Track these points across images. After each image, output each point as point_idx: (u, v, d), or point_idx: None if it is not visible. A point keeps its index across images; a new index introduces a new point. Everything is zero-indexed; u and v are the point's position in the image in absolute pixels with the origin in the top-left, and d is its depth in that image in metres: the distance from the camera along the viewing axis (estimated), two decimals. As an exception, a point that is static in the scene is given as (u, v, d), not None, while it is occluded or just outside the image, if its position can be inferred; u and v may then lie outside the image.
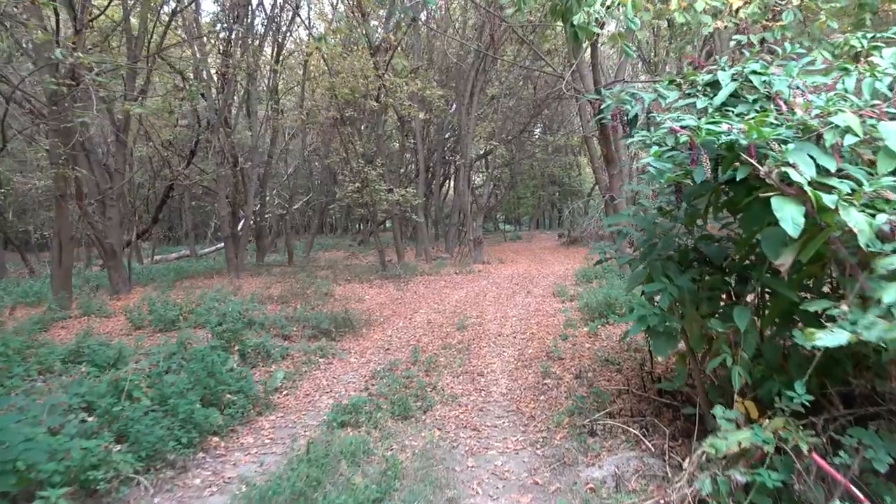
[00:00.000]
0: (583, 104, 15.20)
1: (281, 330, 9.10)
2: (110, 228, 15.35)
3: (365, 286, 15.38)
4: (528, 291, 13.36)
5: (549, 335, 8.71)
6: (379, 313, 11.44)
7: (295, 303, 12.54)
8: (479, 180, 35.47)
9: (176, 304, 10.13)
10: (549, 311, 10.73)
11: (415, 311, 11.57)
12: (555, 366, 7.01)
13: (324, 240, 40.45)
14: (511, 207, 45.03)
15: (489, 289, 14.20)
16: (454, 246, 22.92)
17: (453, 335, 9.16)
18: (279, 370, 6.91)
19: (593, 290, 11.74)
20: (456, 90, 21.41)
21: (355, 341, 9.07)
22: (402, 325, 10.32)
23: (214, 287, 15.57)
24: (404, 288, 14.84)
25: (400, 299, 13.12)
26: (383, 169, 17.92)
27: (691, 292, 4.26)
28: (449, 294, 13.65)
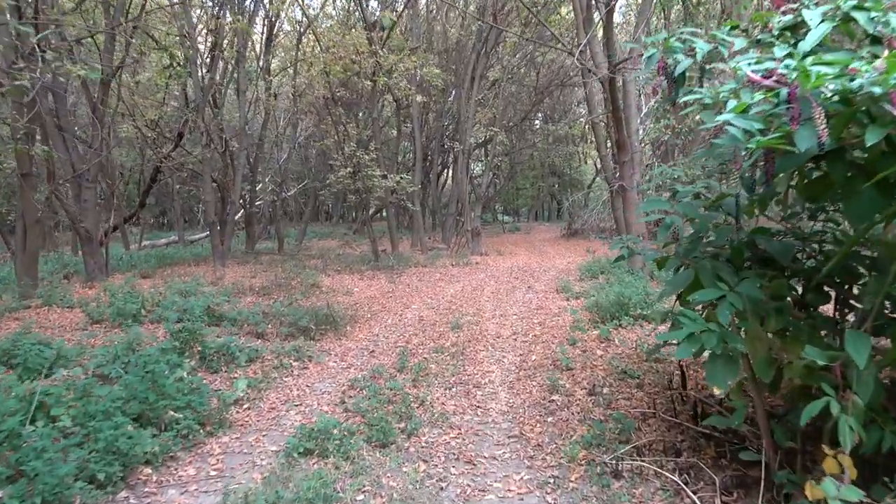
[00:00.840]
0: (591, 88, 14.13)
1: (255, 327, 8.05)
2: (86, 212, 14.29)
3: (355, 277, 14.33)
4: (529, 286, 12.32)
5: (554, 338, 7.67)
6: (367, 308, 10.40)
7: (277, 295, 11.50)
8: (479, 169, 34.38)
9: (139, 295, 9.05)
10: (553, 309, 9.69)
11: (406, 307, 10.53)
12: (563, 377, 5.97)
13: (319, 228, 39.37)
14: (510, 198, 43.97)
15: (487, 282, 13.16)
16: (451, 236, 21.87)
17: (447, 336, 8.12)
18: (240, 379, 5.85)
19: (601, 287, 10.72)
20: (455, 73, 20.29)
21: (337, 341, 8.03)
22: (391, 322, 9.28)
23: (194, 276, 14.54)
24: (397, 280, 13.79)
25: (391, 293, 12.08)
26: (377, 154, 16.83)
27: (756, 302, 3.22)
28: (444, 288, 12.61)
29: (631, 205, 11.26)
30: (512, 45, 19.52)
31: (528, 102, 25.75)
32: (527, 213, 47.47)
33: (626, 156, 10.92)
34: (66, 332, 8.13)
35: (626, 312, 7.87)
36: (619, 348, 6.80)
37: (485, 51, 17.64)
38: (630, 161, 11.02)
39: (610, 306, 8.00)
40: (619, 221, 14.96)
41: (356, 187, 14.94)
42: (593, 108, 14.07)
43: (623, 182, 11.10)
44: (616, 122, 10.25)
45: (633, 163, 11.15)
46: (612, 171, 14.66)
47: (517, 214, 46.40)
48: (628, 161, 10.99)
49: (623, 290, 8.24)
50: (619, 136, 10.55)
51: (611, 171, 14.48)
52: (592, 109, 14.08)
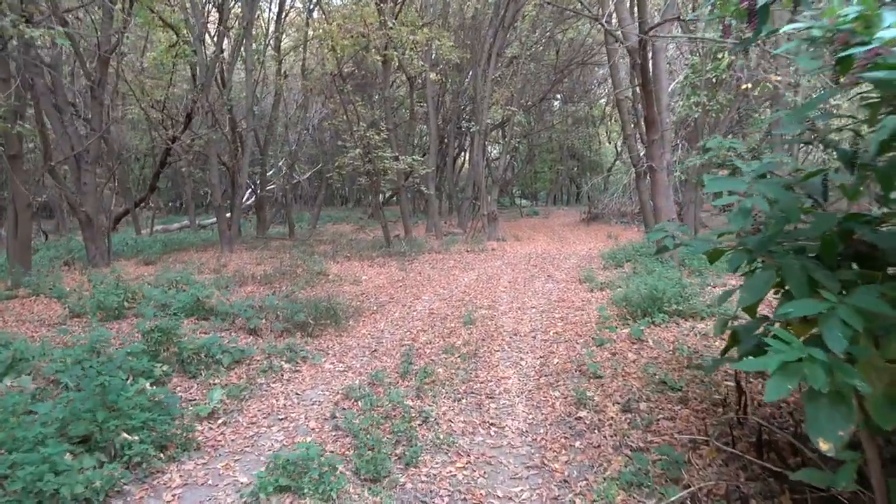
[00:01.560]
0: (616, 61, 13.09)
1: (247, 322, 7.24)
2: (86, 195, 13.61)
3: (365, 264, 13.51)
4: (549, 275, 11.41)
5: (578, 337, 6.78)
6: (374, 299, 9.57)
7: (280, 284, 10.72)
8: (496, 152, 33.35)
9: (125, 286, 8.28)
10: (576, 301, 8.79)
11: (416, 298, 9.68)
12: (591, 387, 5.09)
13: (333, 212, 38.65)
14: (528, 182, 42.85)
15: (504, 271, 12.27)
16: (467, 221, 20.97)
17: (458, 332, 7.26)
18: (216, 388, 5.04)
19: (627, 277, 9.80)
20: (472, 50, 19.26)
21: (337, 338, 7.21)
22: (398, 315, 8.44)
23: (199, 262, 13.84)
24: (408, 268, 12.94)
25: (401, 281, 11.24)
26: (390, 134, 15.95)
27: (871, 317, 2.31)
28: (458, 276, 11.74)
29: (660, 187, 10.28)
30: (531, 20, 18.45)
31: (548, 82, 24.63)
32: (545, 196, 46.34)
33: (656, 134, 9.93)
34: (42, 326, 7.40)
35: (659, 308, 6.94)
36: (655, 351, 5.89)
37: (502, 25, 16.59)
38: (660, 140, 10.02)
39: (641, 301, 7.07)
40: (644, 205, 13.97)
41: (367, 169, 14.07)
42: (618, 83, 13.04)
43: (652, 162, 10.12)
44: (646, 96, 9.25)
45: (662, 141, 10.16)
46: (637, 152, 13.65)
47: (535, 198, 45.26)
48: (658, 140, 9.99)
49: (655, 282, 7.29)
50: (648, 113, 9.56)
51: (636, 152, 13.48)
52: (617, 84, 13.04)
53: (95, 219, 13.71)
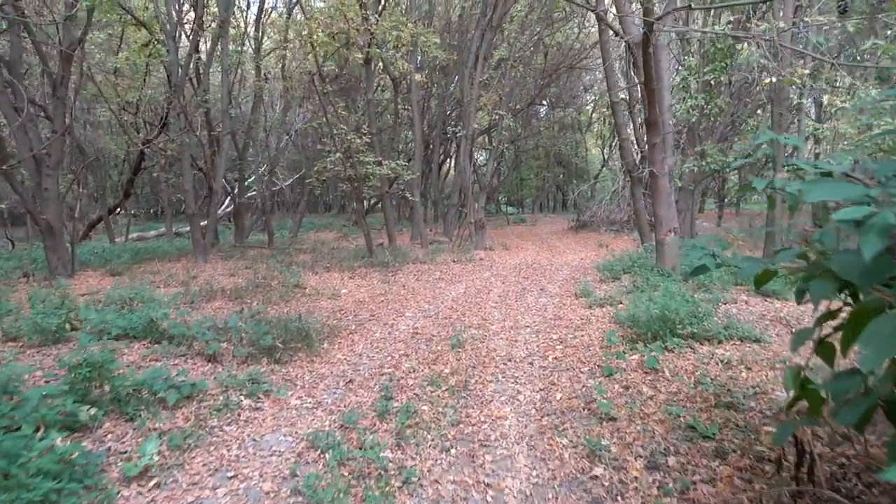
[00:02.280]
0: (611, 62, 12.32)
1: (205, 346, 6.31)
2: (47, 201, 12.66)
3: (345, 276, 12.59)
4: (542, 288, 10.56)
5: (581, 364, 5.92)
6: (353, 316, 8.67)
7: (251, 298, 9.79)
8: (483, 158, 32.57)
9: (72, 303, 7.31)
10: (575, 320, 7.94)
11: (399, 314, 8.79)
12: (604, 432, 4.24)
13: (317, 219, 37.68)
14: (514, 189, 42.16)
15: (493, 283, 11.41)
16: (453, 229, 20.10)
17: (446, 357, 6.38)
18: (152, 437, 4.12)
19: (629, 292, 8.99)
20: (459, 50, 18.44)
21: (309, 364, 6.30)
22: (379, 336, 7.55)
23: (168, 273, 12.88)
24: (392, 279, 12.05)
25: (384, 295, 10.34)
26: (373, 138, 15.08)
27: None
28: (444, 289, 10.87)
29: (662, 194, 9.49)
30: (519, 21, 17.69)
31: (535, 87, 23.88)
32: (531, 203, 45.61)
33: (657, 137, 9.13)
34: (-31, 352, 6.42)
35: (671, 331, 6.11)
36: (673, 384, 5.05)
37: (490, 26, 15.80)
38: (662, 143, 9.23)
39: (650, 322, 6.23)
40: (639, 213, 13.20)
41: (348, 175, 13.17)
42: (613, 83, 12.27)
43: (653, 167, 9.31)
44: (648, 95, 8.45)
45: (664, 145, 9.36)
46: (632, 157, 12.88)
47: (521, 205, 44.55)
48: (659, 143, 9.20)
49: (667, 301, 6.44)
50: (650, 114, 8.76)
51: (631, 157, 12.70)
52: (612, 85, 12.28)
53: (58, 227, 12.74)
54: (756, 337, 6.20)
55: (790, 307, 7.76)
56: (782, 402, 4.47)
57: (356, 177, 13.19)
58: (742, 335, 6.22)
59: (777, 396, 4.61)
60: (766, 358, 5.59)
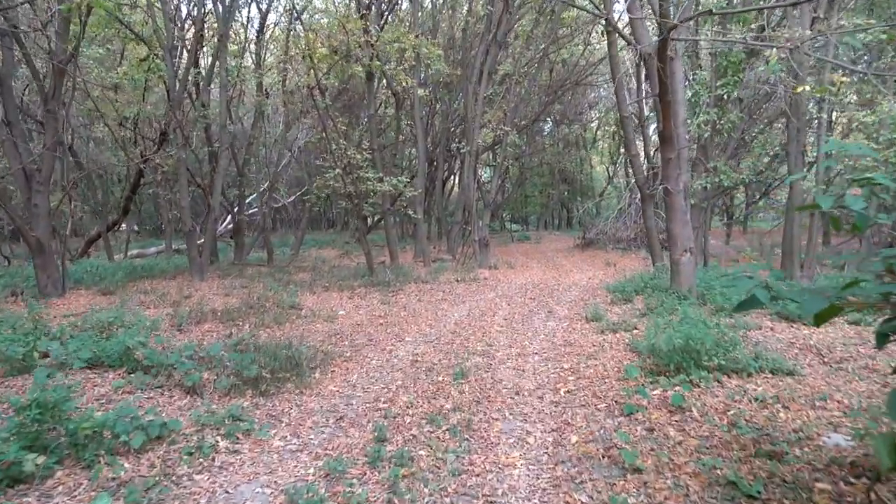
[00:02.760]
0: (620, 78, 11.83)
1: (184, 377, 5.74)
2: (37, 218, 12.21)
3: (344, 296, 12.03)
4: (550, 311, 9.97)
5: (597, 399, 5.33)
6: (349, 341, 8.09)
7: (244, 321, 9.24)
8: (486, 175, 32.08)
9: (44, 328, 6.75)
10: (586, 346, 7.34)
11: (399, 339, 8.21)
12: (630, 487, 3.64)
13: (319, 236, 37.16)
14: (518, 206, 41.64)
15: (498, 305, 10.82)
16: (457, 246, 19.54)
17: (447, 390, 5.79)
18: (103, 496, 3.53)
19: (642, 316, 8.42)
20: (462, 65, 18.00)
21: (297, 397, 5.73)
22: (375, 364, 6.97)
23: (161, 292, 12.34)
24: (392, 300, 11.48)
25: (383, 318, 9.77)
26: (374, 154, 14.59)
27: None
28: (447, 311, 10.29)
29: (677, 212, 8.92)
30: (525, 36, 17.26)
31: (540, 103, 23.43)
32: (535, 221, 45.05)
33: (672, 152, 8.58)
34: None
35: (696, 362, 5.51)
36: (704, 427, 4.45)
37: (495, 40, 15.35)
38: (676, 159, 8.68)
39: (672, 352, 5.63)
40: (650, 232, 12.64)
41: (348, 191, 12.66)
42: (622, 98, 11.75)
43: (667, 184, 8.76)
44: (663, 108, 7.91)
45: (679, 160, 8.81)
46: (643, 173, 12.34)
47: (526, 223, 44.00)
48: (674, 159, 8.65)
49: (690, 329, 5.84)
50: (664, 128, 8.23)
51: (641, 174, 12.17)
52: (621, 100, 11.76)
53: (48, 244, 12.25)
54: (789, 369, 5.60)
55: (819, 334, 7.16)
56: (831, 449, 3.88)
57: (356, 193, 12.68)
58: (773, 367, 5.62)
59: (825, 443, 4.01)
60: (804, 395, 4.99)
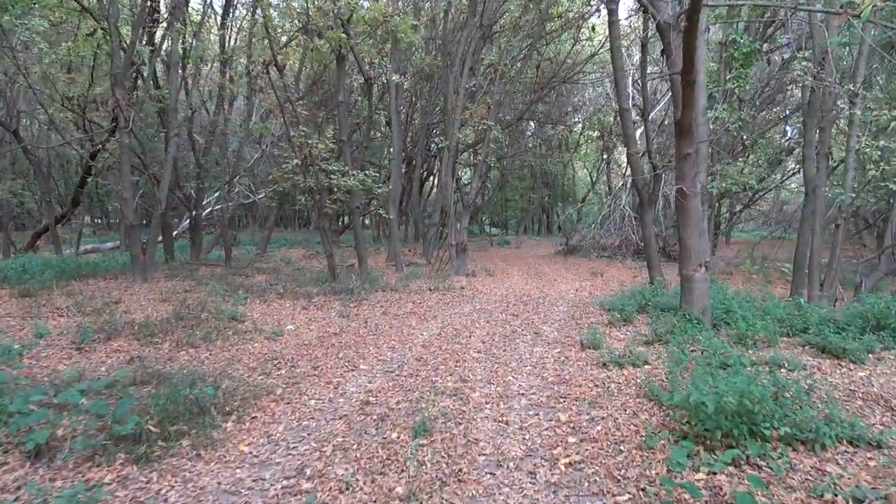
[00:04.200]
0: (620, 61, 10.20)
1: (26, 434, 3.96)
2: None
3: (299, 305, 10.26)
4: (537, 332, 8.29)
5: (614, 481, 3.65)
6: (288, 369, 6.34)
7: (165, 337, 7.45)
8: (467, 177, 30.39)
9: None
10: (586, 386, 5.66)
11: (351, 367, 6.48)
12: None
13: (291, 234, 35.23)
14: (498, 209, 40.02)
15: (475, 321, 9.13)
16: (433, 250, 17.83)
17: (400, 458, 4.08)
18: None
19: (649, 342, 6.79)
20: (443, 52, 16.28)
21: (191, 464, 3.99)
22: (313, 407, 5.23)
23: (89, 294, 10.50)
24: (353, 312, 9.73)
25: (338, 336, 8.02)
26: (342, 145, 12.82)
27: None
28: (415, 329, 8.57)
29: (692, 217, 7.30)
30: (512, 22, 15.61)
31: (525, 101, 21.80)
32: (515, 225, 43.44)
33: (691, 146, 6.96)
34: None
35: (752, 429, 3.85)
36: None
37: (480, 24, 13.69)
38: (695, 155, 7.07)
39: (718, 415, 3.95)
40: (648, 241, 11.03)
41: (307, 185, 10.89)
42: (622, 88, 10.13)
43: (682, 185, 7.13)
44: (684, 91, 6.27)
45: (697, 157, 7.20)
46: (643, 175, 10.72)
47: (505, 227, 42.37)
48: (692, 154, 7.03)
49: (742, 382, 4.14)
50: (682, 116, 6.60)
51: (641, 175, 10.55)
52: (621, 91, 10.14)
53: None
54: (875, 440, 3.97)
55: (881, 376, 5.54)
56: None
57: (318, 188, 10.91)
58: (852, 435, 3.99)
59: None
60: (916, 487, 3.36)
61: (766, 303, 8.29)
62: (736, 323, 7.14)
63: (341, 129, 13.39)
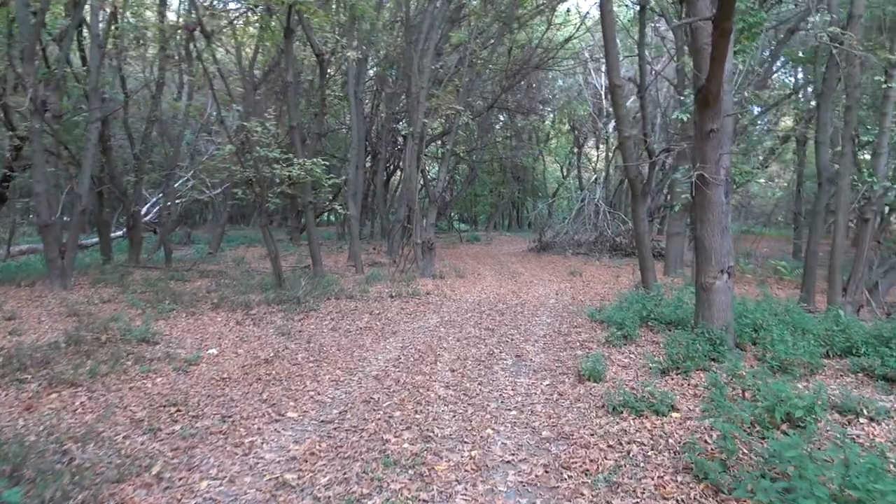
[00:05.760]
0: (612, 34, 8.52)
1: None
2: None
3: (233, 319, 8.43)
4: (519, 353, 6.61)
5: None
6: (185, 426, 4.53)
7: (37, 371, 5.59)
8: (434, 171, 28.57)
9: None
10: (595, 447, 3.98)
11: (274, 417, 4.70)
12: None
13: (252, 232, 32.95)
14: (467, 205, 38.34)
15: (444, 338, 7.41)
16: (399, 248, 16.02)
17: None
18: None
19: (661, 371, 5.18)
20: (406, 26, 14.45)
21: None
22: (203, 495, 3.45)
23: None
24: (296, 329, 7.93)
25: (269, 364, 6.23)
26: (292, 131, 10.97)
27: None
28: (369, 351, 6.82)
29: (714, 212, 5.69)
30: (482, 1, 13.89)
31: (497, 87, 20.14)
32: (485, 220, 41.82)
33: (716, 119, 5.36)
34: None
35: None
36: None
37: None
38: (720, 132, 5.47)
39: None
40: (641, 239, 9.41)
41: (246, 176, 9.06)
42: (614, 62, 8.41)
43: (703, 169, 5.51)
44: (717, 45, 4.62)
45: (722, 135, 5.59)
46: (635, 163, 9.08)
47: (475, 222, 40.69)
48: (717, 131, 5.42)
49: (871, 474, 2.53)
50: (710, 79, 4.98)
51: (634, 163, 8.91)
52: (613, 64, 8.41)
53: None
54: None
55: None
56: None
57: (258, 179, 9.07)
58: None
59: None
60: None
61: (792, 314, 6.74)
62: (771, 344, 5.55)
63: (291, 114, 11.53)
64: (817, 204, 9.06)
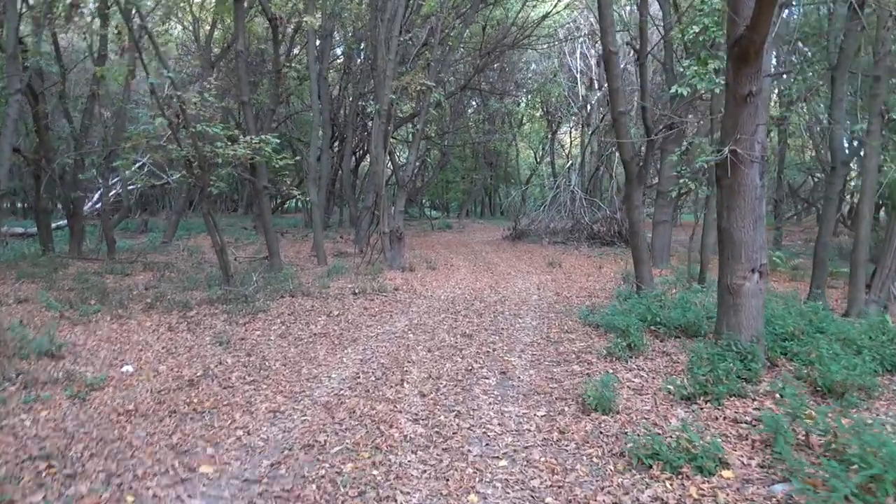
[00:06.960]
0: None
1: None
2: None
3: (167, 323, 7.06)
4: (503, 369, 5.38)
5: None
6: (56, 489, 3.19)
7: None
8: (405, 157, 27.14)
9: None
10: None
11: (181, 476, 3.40)
12: None
13: (228, 219, 31.13)
14: (439, 191, 36.93)
15: (412, 348, 6.15)
16: (366, 236, 14.63)
17: None
18: None
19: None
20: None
21: None
22: None
23: None
24: (238, 335, 6.59)
25: (194, 386, 4.91)
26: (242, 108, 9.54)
27: None
28: (320, 366, 5.53)
29: (746, 196, 4.53)
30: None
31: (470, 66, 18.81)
32: (457, 208, 40.52)
33: (755, 81, 4.19)
34: None
35: None
36: None
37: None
38: (757, 97, 4.30)
39: None
40: (635, 228, 8.23)
41: (182, 155, 7.65)
42: (608, 25, 7.19)
43: (737, 143, 4.34)
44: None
45: (758, 103, 4.41)
46: (631, 143, 7.88)
47: (447, 209, 39.36)
48: (755, 95, 4.25)
49: None
50: (748, 32, 3.80)
51: (630, 143, 7.70)
52: (607, 28, 7.16)
53: None
54: None
55: None
56: None
57: (197, 159, 7.66)
58: None
59: None
60: None
61: (822, 318, 5.63)
62: (818, 361, 4.42)
63: (241, 88, 10.09)
64: (829, 190, 8.02)
